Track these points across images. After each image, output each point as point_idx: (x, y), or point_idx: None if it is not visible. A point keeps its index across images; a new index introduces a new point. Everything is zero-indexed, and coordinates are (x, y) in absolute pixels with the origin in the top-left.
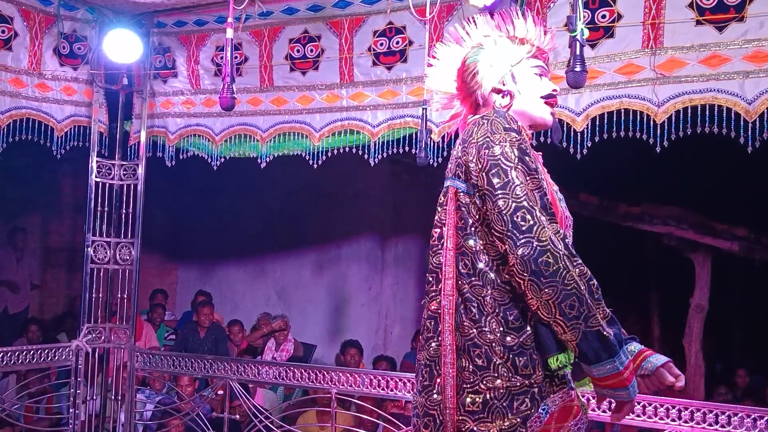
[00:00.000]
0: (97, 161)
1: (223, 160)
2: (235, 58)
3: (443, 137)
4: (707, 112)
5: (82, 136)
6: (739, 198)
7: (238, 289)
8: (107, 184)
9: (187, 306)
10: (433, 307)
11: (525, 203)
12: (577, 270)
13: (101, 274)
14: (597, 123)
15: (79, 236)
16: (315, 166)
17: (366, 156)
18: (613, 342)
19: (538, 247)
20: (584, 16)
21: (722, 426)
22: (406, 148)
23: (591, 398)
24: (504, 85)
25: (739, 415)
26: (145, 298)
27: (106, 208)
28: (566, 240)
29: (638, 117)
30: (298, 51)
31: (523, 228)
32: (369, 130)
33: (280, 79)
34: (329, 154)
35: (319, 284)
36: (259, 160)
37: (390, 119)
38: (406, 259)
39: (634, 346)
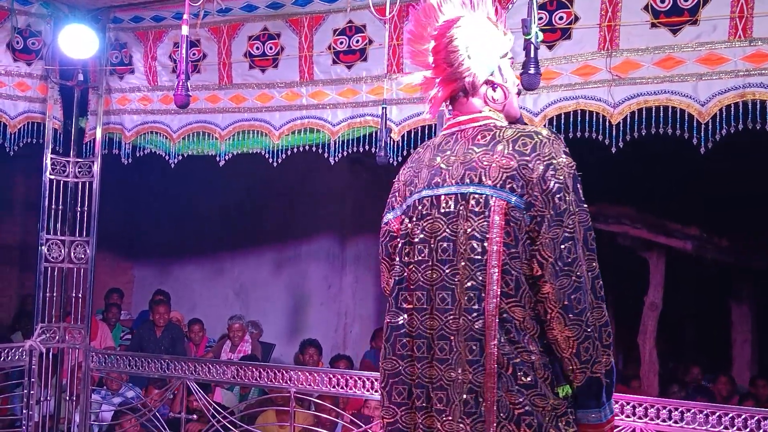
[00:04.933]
0: (51, 158)
1: (180, 157)
2: (193, 54)
3: (403, 136)
4: (662, 114)
5: (36, 132)
6: (692, 198)
7: (195, 288)
8: (62, 182)
9: (144, 305)
10: (452, 325)
11: (574, 235)
12: (598, 314)
13: (55, 273)
14: (554, 123)
15: (31, 234)
16: (275, 164)
17: (326, 155)
18: (606, 393)
19: (575, 283)
20: (542, 18)
21: (675, 422)
22: (366, 147)
23: None
24: (493, 76)
25: (692, 411)
26: (100, 298)
27: (60, 206)
28: (599, 281)
29: (594, 118)
30: (257, 48)
31: (568, 260)
32: (329, 128)
33: (239, 77)
34: (289, 153)
35: (278, 283)
36: (217, 158)
37: (350, 118)
38: (365, 257)
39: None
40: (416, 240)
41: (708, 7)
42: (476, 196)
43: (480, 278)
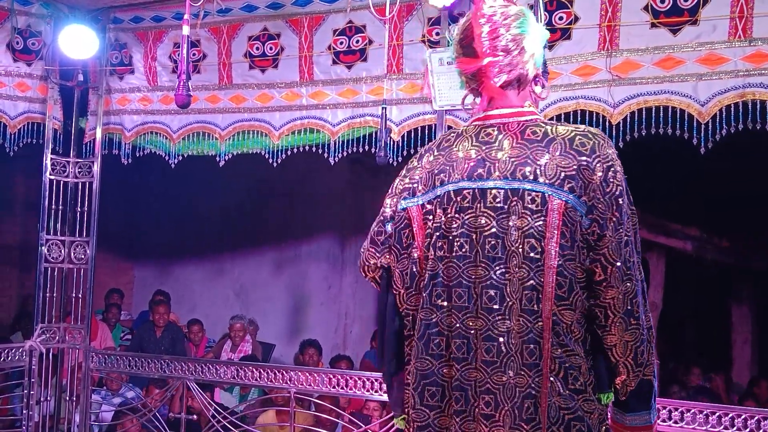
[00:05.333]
0: (51, 158)
1: (180, 157)
2: (193, 55)
3: (403, 136)
4: (661, 114)
5: (36, 133)
6: (692, 198)
7: (196, 288)
8: (62, 182)
9: (144, 306)
10: (500, 326)
11: (631, 238)
12: (647, 316)
13: (55, 273)
14: None
15: (31, 235)
16: (274, 164)
17: (326, 155)
18: (654, 395)
19: (636, 287)
20: (542, 18)
21: (675, 422)
22: (366, 148)
23: None
24: (538, 71)
25: (692, 411)
26: (100, 298)
27: (60, 207)
28: (644, 283)
29: (594, 118)
30: (257, 49)
31: (629, 264)
32: (329, 128)
33: (239, 77)
34: (289, 153)
35: (278, 283)
36: (217, 158)
37: (350, 118)
38: None
39: None
40: (455, 234)
41: (708, 7)
42: (532, 193)
43: (540, 279)
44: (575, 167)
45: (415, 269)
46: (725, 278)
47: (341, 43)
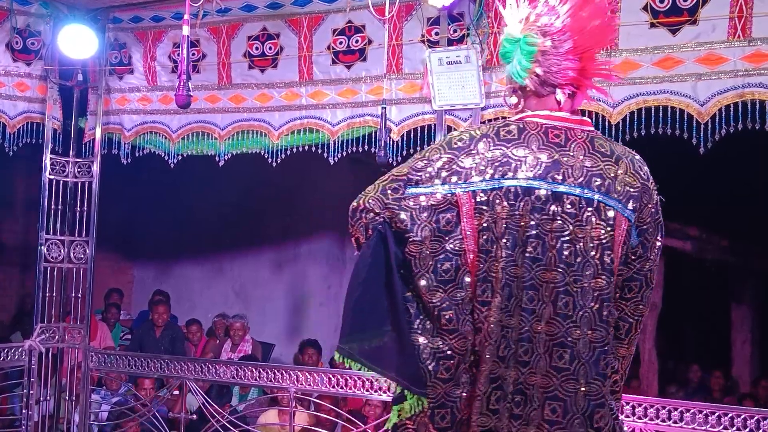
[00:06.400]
0: (51, 158)
1: (180, 157)
2: (193, 54)
3: (402, 136)
4: (661, 114)
5: (35, 132)
6: (692, 198)
7: (195, 288)
8: (61, 182)
9: (143, 305)
10: (573, 333)
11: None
12: None
13: (55, 272)
14: None
15: (32, 234)
16: (274, 164)
17: (325, 155)
18: None
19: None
20: None
21: (675, 422)
22: (366, 147)
23: None
24: None
25: (692, 411)
26: (99, 298)
27: (60, 206)
28: None
29: (594, 118)
30: (256, 48)
31: (653, 285)
32: (328, 128)
33: (239, 77)
34: (288, 153)
35: (278, 283)
36: (217, 158)
37: (349, 118)
38: None
39: None
40: (530, 234)
41: (707, 7)
42: (606, 207)
43: (611, 290)
44: (639, 189)
45: (459, 261)
46: (725, 278)
47: (340, 42)
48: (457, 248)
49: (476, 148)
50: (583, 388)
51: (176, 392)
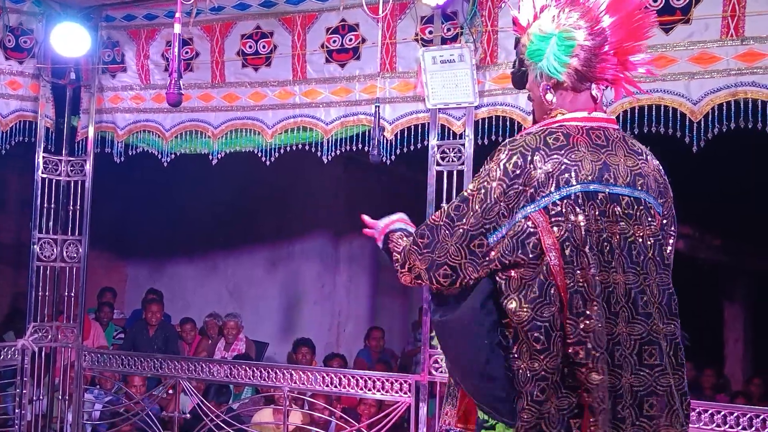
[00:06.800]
0: (43, 157)
1: (173, 156)
2: (186, 53)
3: (396, 135)
4: (654, 112)
5: (28, 131)
6: (685, 197)
7: (189, 286)
8: (54, 181)
9: (137, 304)
10: (657, 330)
11: None
12: None
13: (48, 271)
14: None
15: (25, 233)
16: (267, 163)
17: (319, 153)
18: None
19: None
20: None
21: None
22: (359, 146)
23: None
24: None
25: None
26: (93, 297)
27: (53, 205)
28: None
29: None
30: (250, 47)
31: None
32: (322, 127)
33: (232, 75)
34: (282, 151)
35: (271, 282)
36: (210, 157)
37: (343, 116)
38: (359, 256)
39: None
40: (603, 237)
41: (700, 6)
42: (649, 204)
43: (671, 284)
44: (663, 184)
45: (545, 277)
46: (717, 276)
47: (334, 41)
48: (545, 265)
49: (533, 163)
50: (672, 382)
51: (171, 391)
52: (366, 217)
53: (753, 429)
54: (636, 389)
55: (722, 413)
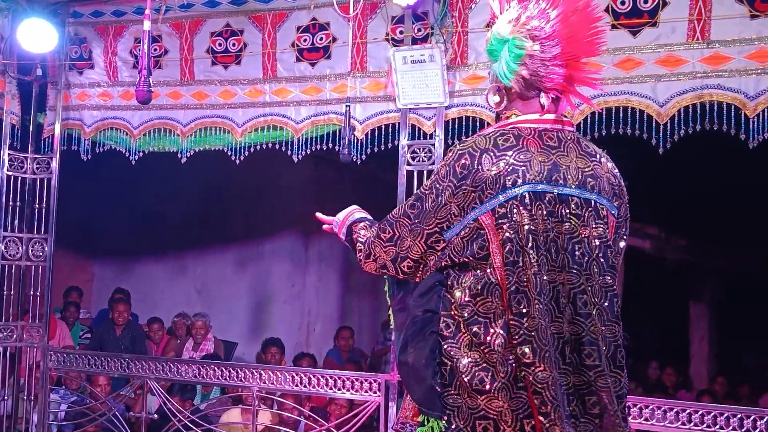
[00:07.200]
0: (9, 154)
1: (141, 154)
2: (154, 50)
3: (366, 134)
4: (621, 114)
5: None
6: (651, 198)
7: (157, 286)
8: (19, 178)
9: (104, 304)
10: (594, 331)
11: None
12: None
13: (13, 270)
14: None
15: None
16: (237, 161)
17: (289, 152)
18: None
19: None
20: None
21: (634, 418)
22: (330, 145)
23: None
24: None
25: (650, 407)
26: (58, 296)
27: (18, 203)
28: None
29: None
30: (220, 45)
31: None
32: (292, 126)
33: (202, 73)
34: (252, 150)
35: (241, 281)
36: (179, 155)
37: (314, 116)
38: (329, 256)
39: None
40: (549, 237)
41: (667, 10)
42: (599, 205)
43: (616, 287)
44: (618, 187)
45: (492, 278)
46: (683, 276)
47: (305, 40)
48: (491, 266)
49: (481, 165)
50: (609, 383)
51: (138, 392)
52: (320, 215)
53: (717, 427)
54: (578, 387)
55: (687, 411)
